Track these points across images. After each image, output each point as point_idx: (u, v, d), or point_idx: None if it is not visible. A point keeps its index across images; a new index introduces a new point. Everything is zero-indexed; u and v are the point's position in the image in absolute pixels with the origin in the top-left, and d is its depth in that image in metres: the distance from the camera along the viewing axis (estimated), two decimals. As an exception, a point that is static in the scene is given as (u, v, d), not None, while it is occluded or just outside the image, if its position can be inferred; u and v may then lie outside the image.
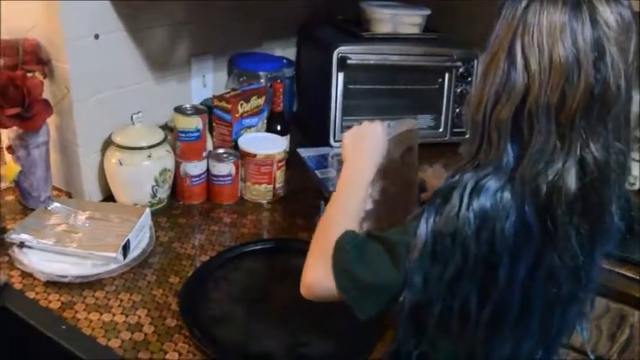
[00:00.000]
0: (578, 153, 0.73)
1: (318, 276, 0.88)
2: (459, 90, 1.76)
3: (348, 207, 0.97)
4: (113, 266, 1.11)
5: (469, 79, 1.76)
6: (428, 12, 1.76)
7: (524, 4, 0.74)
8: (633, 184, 1.60)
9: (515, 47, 0.73)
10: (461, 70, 1.74)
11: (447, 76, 1.75)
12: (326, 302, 0.88)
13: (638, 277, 1.29)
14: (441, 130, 1.80)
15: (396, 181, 1.16)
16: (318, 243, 0.93)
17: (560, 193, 0.73)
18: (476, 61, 1.75)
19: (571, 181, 0.73)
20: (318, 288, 0.88)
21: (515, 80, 0.73)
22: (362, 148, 1.04)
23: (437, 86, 1.77)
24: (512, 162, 0.74)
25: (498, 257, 0.75)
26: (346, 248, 0.86)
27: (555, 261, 0.77)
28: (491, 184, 0.75)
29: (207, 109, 1.36)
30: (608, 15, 0.71)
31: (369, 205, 1.07)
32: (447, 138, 1.81)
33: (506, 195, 0.74)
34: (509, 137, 0.74)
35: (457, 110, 1.78)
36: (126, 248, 1.12)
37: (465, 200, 0.75)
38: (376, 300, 0.84)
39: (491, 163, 0.76)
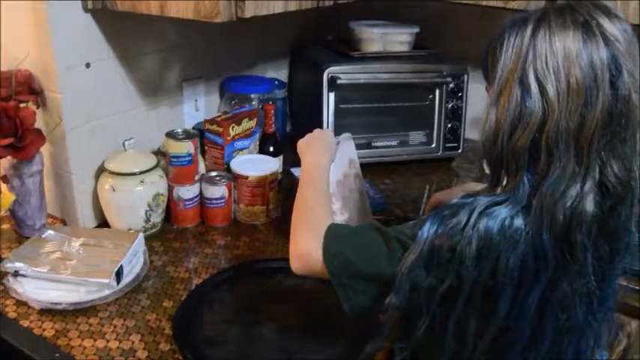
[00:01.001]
0: (597, 175, 0.72)
1: (307, 245, 0.89)
2: (449, 105, 1.78)
3: (316, 185, 1.04)
4: (107, 292, 1.11)
5: (459, 94, 1.78)
6: (417, 30, 1.78)
7: (529, 30, 0.74)
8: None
9: (528, 75, 0.72)
10: (451, 85, 1.76)
11: (437, 92, 1.77)
12: (315, 277, 0.89)
13: (636, 287, 1.29)
14: (433, 145, 1.82)
15: (353, 191, 1.21)
16: (301, 218, 0.97)
17: (580, 218, 0.72)
18: (466, 77, 1.77)
19: (590, 204, 0.72)
20: (310, 259, 0.88)
21: (532, 108, 0.72)
22: (315, 145, 1.15)
23: (428, 102, 1.79)
24: (529, 190, 0.74)
25: (500, 288, 0.74)
26: (340, 233, 0.87)
27: (567, 289, 0.76)
28: (503, 210, 0.74)
29: (198, 133, 1.38)
30: (615, 31, 0.71)
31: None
32: (439, 154, 1.82)
33: (517, 222, 0.73)
34: (527, 166, 0.74)
35: (449, 125, 1.80)
36: (119, 274, 1.13)
37: (473, 219, 0.74)
38: (366, 291, 0.83)
39: (508, 191, 0.75)
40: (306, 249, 0.90)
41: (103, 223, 1.36)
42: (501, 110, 0.75)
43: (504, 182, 0.77)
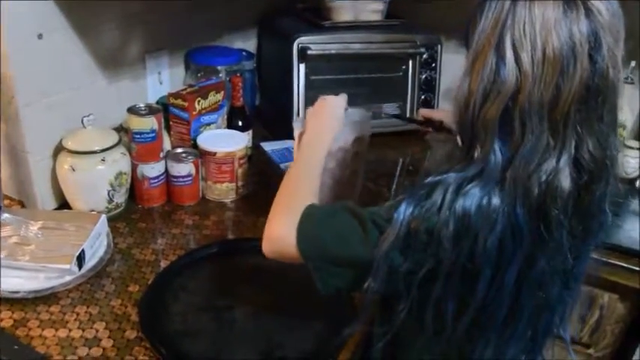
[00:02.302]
0: (573, 151, 0.70)
1: (283, 230, 0.85)
2: (423, 76, 1.74)
3: (309, 166, 0.99)
4: (68, 278, 1.06)
5: (433, 64, 1.74)
6: (389, -2, 1.73)
7: None
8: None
9: (505, 42, 0.69)
10: (425, 56, 1.71)
11: (410, 62, 1.73)
12: (287, 261, 0.86)
13: (606, 260, 1.29)
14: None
15: (344, 168, 1.17)
16: (282, 200, 0.92)
17: (555, 193, 0.70)
18: (439, 47, 1.73)
19: (565, 180, 0.70)
20: (281, 244, 0.86)
21: (506, 76, 0.69)
22: (322, 114, 1.08)
23: (401, 73, 1.74)
24: (501, 163, 0.71)
25: (478, 269, 0.73)
26: (314, 217, 0.84)
27: (545, 266, 0.74)
28: (478, 187, 0.71)
29: (162, 108, 1.31)
30: (599, 4, 0.68)
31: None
32: (413, 125, 1.78)
33: (495, 201, 0.71)
34: (498, 136, 0.71)
35: (422, 97, 1.76)
36: (81, 258, 1.08)
37: (448, 199, 0.72)
38: (341, 274, 0.81)
39: (479, 163, 0.72)
40: (280, 233, 0.87)
41: (64, 205, 1.29)
42: (475, 78, 0.72)
43: (476, 153, 0.74)
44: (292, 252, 0.83)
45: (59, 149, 1.24)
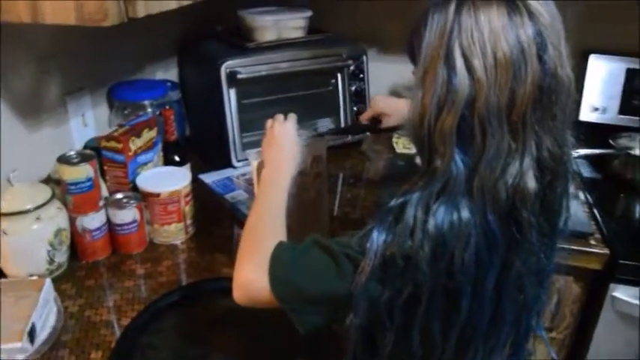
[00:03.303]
0: (534, 151, 0.71)
1: (253, 275, 0.83)
2: (353, 88, 1.74)
3: (272, 202, 0.96)
4: (20, 357, 0.94)
5: (361, 75, 1.74)
6: (309, 13, 1.71)
7: (453, 7, 0.70)
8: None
9: (454, 51, 0.69)
10: (352, 68, 1.71)
11: (339, 76, 1.72)
12: (261, 306, 0.84)
13: (562, 245, 1.33)
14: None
15: (308, 190, 1.15)
16: (248, 243, 0.89)
17: (523, 195, 0.71)
18: (365, 57, 1.74)
19: (531, 181, 0.71)
20: (252, 289, 0.83)
21: (458, 85, 0.69)
22: (275, 143, 1.04)
23: (331, 87, 1.73)
24: (464, 173, 0.70)
25: (459, 286, 0.72)
26: (285, 258, 0.82)
27: (521, 268, 0.75)
28: (446, 203, 0.70)
29: (95, 154, 1.21)
30: (538, 6, 0.70)
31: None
32: (349, 138, 1.77)
33: (464, 214, 0.70)
34: (457, 147, 0.70)
35: (355, 108, 1.76)
36: (32, 333, 0.96)
37: (419, 220, 0.71)
38: (319, 311, 0.79)
39: (442, 176, 0.71)
40: (250, 278, 0.84)
41: (-3, 273, 1.16)
42: (427, 90, 0.72)
43: (436, 166, 0.73)
44: (265, 296, 0.80)
45: (-15, 212, 1.11)
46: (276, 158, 1.02)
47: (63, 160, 1.16)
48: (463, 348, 0.79)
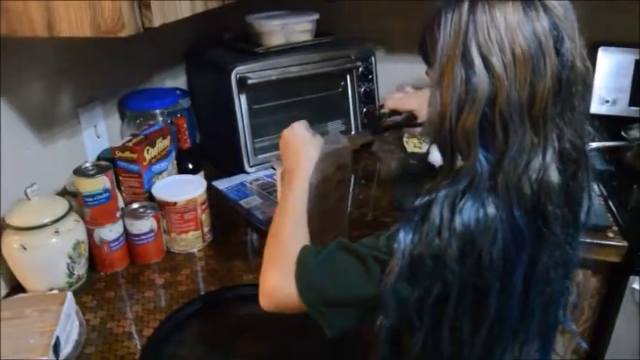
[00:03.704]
0: (556, 144, 0.71)
1: (279, 281, 0.83)
2: (362, 89, 1.73)
3: (293, 207, 0.95)
4: (46, 372, 0.94)
5: (370, 76, 1.74)
6: (316, 16, 1.70)
7: (466, 5, 0.70)
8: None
9: (471, 50, 0.69)
10: (361, 69, 1.71)
11: (348, 77, 1.72)
12: (288, 312, 0.84)
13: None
14: (353, 132, 1.75)
15: (330, 198, 1.12)
16: (272, 250, 0.90)
17: (548, 189, 0.70)
18: (373, 58, 1.73)
19: (554, 174, 0.71)
20: (279, 295, 0.84)
21: (478, 84, 0.68)
22: (290, 147, 1.04)
23: (340, 89, 1.73)
24: (488, 170, 0.70)
25: (488, 283, 0.72)
26: (310, 262, 0.82)
27: (548, 262, 0.75)
28: (471, 200, 0.70)
29: (111, 165, 1.20)
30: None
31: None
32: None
33: (491, 211, 0.70)
34: (480, 144, 0.70)
35: (365, 110, 1.75)
36: (57, 347, 0.96)
37: (446, 219, 0.70)
38: (347, 314, 0.79)
39: (467, 174, 0.71)
40: (274, 285, 0.85)
41: (17, 288, 1.15)
42: (446, 91, 0.71)
43: (460, 165, 0.73)
44: (293, 302, 0.81)
45: (2, 228, 1.11)
46: (292, 161, 1.02)
47: (79, 172, 1.16)
48: (492, 344, 0.78)
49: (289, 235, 0.91)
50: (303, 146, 1.04)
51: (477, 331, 0.76)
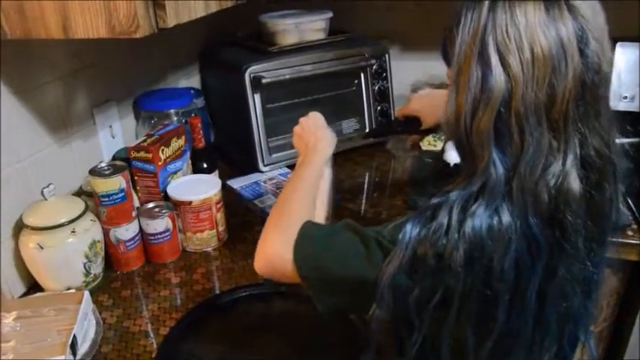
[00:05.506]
0: (578, 150, 0.68)
1: (278, 247, 0.83)
2: (376, 87, 1.72)
3: (304, 181, 0.97)
4: (64, 370, 0.95)
5: (384, 74, 1.73)
6: (330, 14, 1.70)
7: (487, 4, 0.68)
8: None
9: (488, 48, 0.67)
10: (375, 67, 1.70)
11: (362, 75, 1.71)
12: (278, 279, 0.85)
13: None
14: (367, 131, 1.75)
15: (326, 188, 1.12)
16: (277, 215, 0.90)
17: (567, 197, 0.67)
18: (387, 55, 1.72)
19: (575, 181, 0.67)
20: (276, 259, 0.83)
21: (494, 83, 0.66)
22: (305, 133, 1.09)
23: (354, 88, 1.72)
24: (504, 174, 0.67)
25: (496, 295, 0.69)
26: (314, 234, 0.82)
27: (565, 275, 0.71)
28: (484, 205, 0.67)
29: (126, 165, 1.21)
30: (579, 1, 0.67)
31: None
32: (374, 138, 1.76)
33: (505, 219, 0.67)
34: (495, 146, 0.67)
35: (379, 108, 1.75)
36: (74, 345, 0.97)
37: (455, 221, 0.68)
38: (338, 292, 0.78)
39: (481, 177, 0.69)
40: (274, 248, 0.85)
41: (33, 287, 1.17)
42: (462, 91, 0.69)
43: (474, 167, 0.70)
44: (287, 269, 0.80)
45: (20, 227, 1.12)
46: (311, 143, 1.06)
47: (95, 172, 1.17)
48: (502, 357, 0.75)
49: (298, 204, 0.92)
50: (324, 130, 1.08)
51: (482, 344, 0.72)
